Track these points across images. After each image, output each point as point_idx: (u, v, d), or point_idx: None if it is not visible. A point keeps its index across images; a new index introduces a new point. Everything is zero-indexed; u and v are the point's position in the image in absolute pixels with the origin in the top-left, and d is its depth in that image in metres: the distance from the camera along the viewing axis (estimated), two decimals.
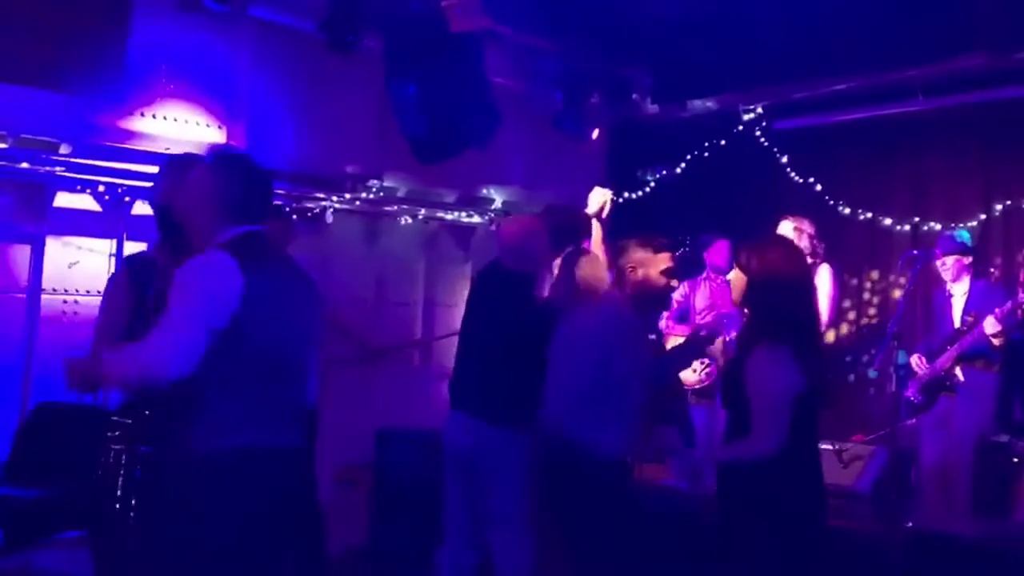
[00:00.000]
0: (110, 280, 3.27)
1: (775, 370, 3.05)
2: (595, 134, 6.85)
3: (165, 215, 3.11)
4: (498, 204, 7.70)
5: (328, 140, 6.60)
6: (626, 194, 7.79)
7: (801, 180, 7.19)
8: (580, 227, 4.40)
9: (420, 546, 5.40)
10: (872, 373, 5.59)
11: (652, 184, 7.86)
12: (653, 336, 5.85)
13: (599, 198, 4.75)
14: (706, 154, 7.57)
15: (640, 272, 3.68)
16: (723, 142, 7.50)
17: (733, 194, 7.47)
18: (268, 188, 2.86)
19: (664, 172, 7.84)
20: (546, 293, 4.11)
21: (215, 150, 2.93)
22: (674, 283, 3.83)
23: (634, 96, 7.18)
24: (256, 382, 2.64)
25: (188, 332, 2.51)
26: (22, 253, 5.72)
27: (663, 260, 3.73)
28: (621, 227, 7.42)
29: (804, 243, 5.54)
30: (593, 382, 3.43)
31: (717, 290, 6.54)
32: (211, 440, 2.60)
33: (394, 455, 5.89)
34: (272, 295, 2.65)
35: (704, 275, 6.70)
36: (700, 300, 6.65)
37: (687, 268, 6.49)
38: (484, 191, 7.64)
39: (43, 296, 5.65)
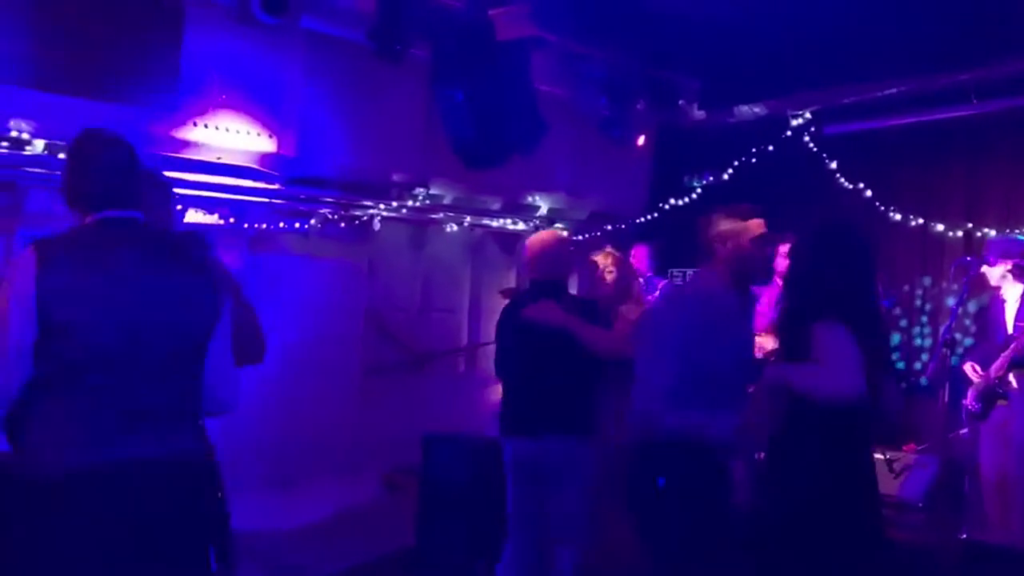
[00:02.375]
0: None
1: (845, 338, 2.94)
2: (641, 140, 6.84)
3: None
4: (543, 211, 7.71)
5: (376, 148, 6.67)
6: (672, 200, 7.75)
7: (851, 186, 7.10)
8: None
9: (466, 551, 5.42)
10: (923, 381, 5.50)
11: (699, 191, 7.81)
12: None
13: None
14: (753, 160, 7.50)
15: (731, 244, 3.43)
16: (771, 148, 7.43)
17: (781, 201, 7.39)
18: (118, 168, 2.47)
19: (711, 178, 7.78)
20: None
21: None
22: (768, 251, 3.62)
23: (681, 102, 7.16)
24: (73, 389, 2.25)
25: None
26: None
27: (755, 227, 3.47)
28: (667, 234, 7.43)
29: None
30: (681, 370, 3.18)
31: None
32: (28, 465, 2.26)
33: (440, 460, 5.91)
34: (99, 288, 2.28)
35: (772, 281, 6.60)
36: (770, 308, 6.57)
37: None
38: (529, 198, 7.65)
39: None
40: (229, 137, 6.05)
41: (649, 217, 7.79)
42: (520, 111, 5.27)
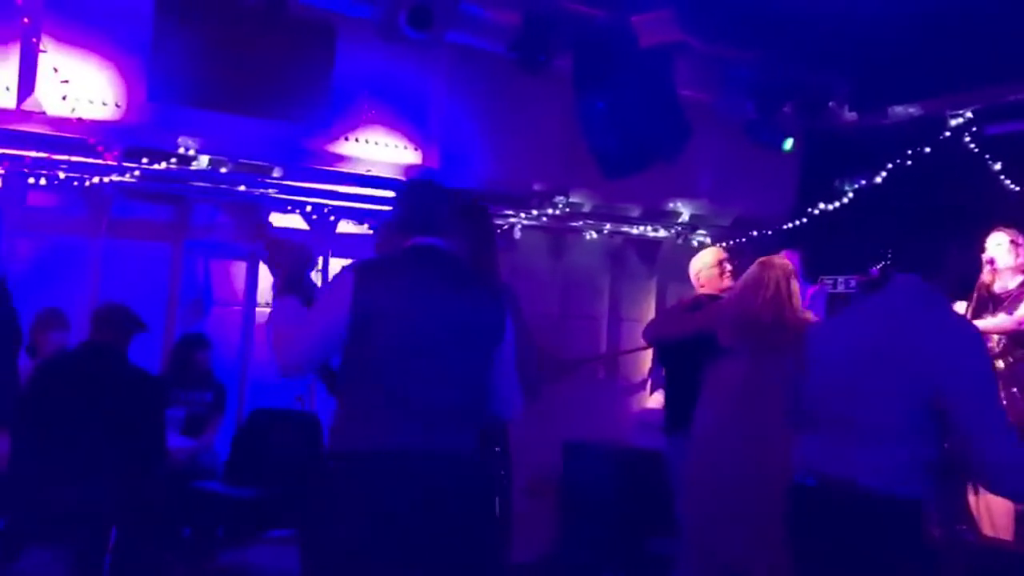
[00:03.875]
0: None
1: None
2: (789, 144, 6.65)
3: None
4: (685, 218, 7.61)
5: (517, 158, 6.75)
6: (822, 206, 7.50)
7: (1017, 188, 6.69)
8: None
9: (605, 558, 5.39)
10: None
11: (850, 195, 7.53)
12: None
13: None
14: (909, 163, 7.17)
15: None
16: (928, 149, 7.08)
17: (939, 204, 7.03)
18: (435, 205, 2.88)
19: (863, 182, 7.49)
20: None
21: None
22: None
23: (831, 104, 6.91)
24: (376, 387, 2.63)
25: (302, 331, 2.68)
26: (239, 269, 6.19)
27: None
28: (818, 240, 7.19)
29: (1021, 257, 5.14)
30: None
31: None
32: (337, 442, 2.67)
33: (580, 468, 5.92)
34: (401, 303, 2.65)
35: None
36: None
37: None
38: (671, 204, 7.56)
39: (257, 309, 6.08)
40: (377, 150, 6.26)
41: (797, 223, 7.56)
42: (663, 117, 5.22)
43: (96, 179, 5.27)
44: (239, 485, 5.16)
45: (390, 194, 6.23)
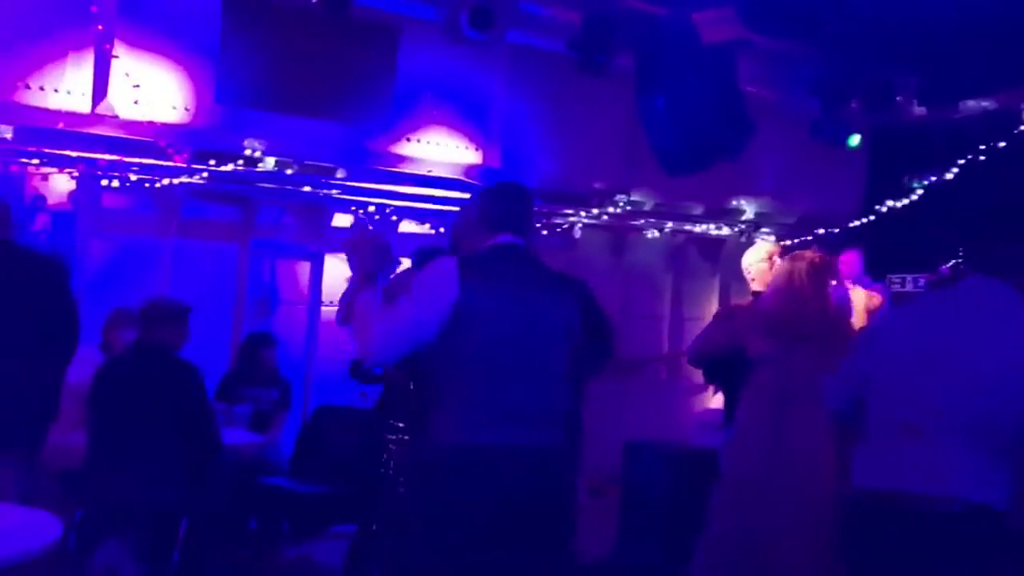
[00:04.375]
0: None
1: None
2: (856, 140, 6.52)
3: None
4: (749, 215, 7.51)
5: (577, 157, 6.75)
6: (890, 203, 7.35)
7: None
8: None
9: (667, 559, 5.35)
10: None
11: (919, 192, 7.35)
12: None
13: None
14: (981, 158, 6.98)
15: None
16: (1002, 144, 6.88)
17: (1013, 201, 6.82)
18: (517, 204, 2.96)
19: (933, 178, 7.31)
20: None
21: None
22: None
23: (898, 98, 6.75)
24: (474, 382, 2.70)
25: (396, 324, 2.71)
26: (304, 269, 6.30)
27: None
28: (884, 238, 7.04)
29: None
30: None
31: None
32: (434, 436, 2.74)
33: (642, 468, 5.88)
34: (496, 299, 2.72)
35: None
36: None
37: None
38: (734, 202, 7.48)
39: (322, 308, 6.18)
40: (438, 151, 6.31)
41: (864, 220, 7.41)
42: (726, 115, 5.16)
43: (166, 181, 5.41)
44: (304, 481, 5.24)
45: (451, 194, 6.28)
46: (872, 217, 7.40)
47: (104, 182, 5.28)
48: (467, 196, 6.41)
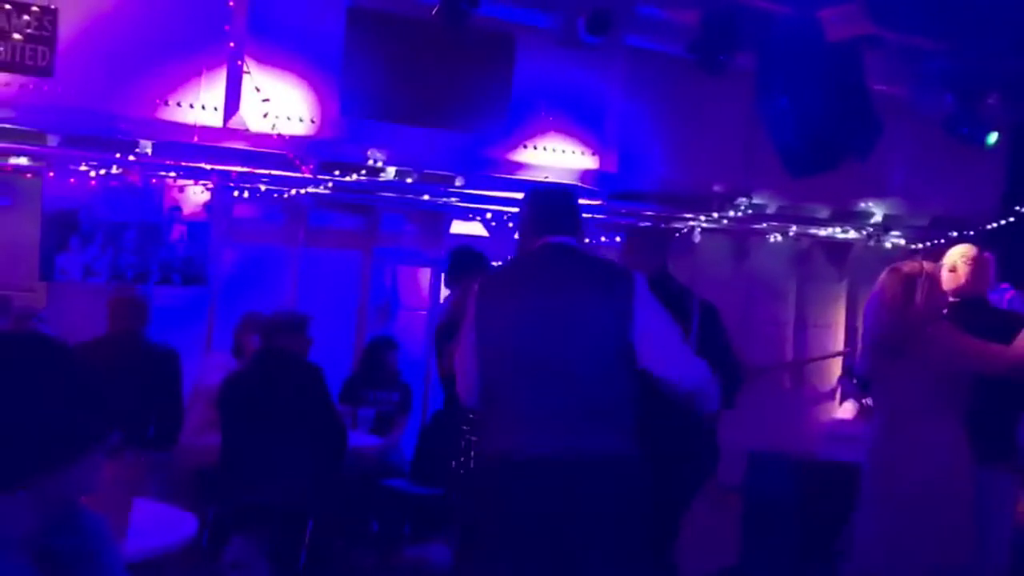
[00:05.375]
0: None
1: None
2: (994, 138, 6.19)
3: None
4: (878, 218, 7.24)
5: (696, 160, 6.64)
6: None
7: None
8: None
9: (790, 573, 5.19)
10: None
11: None
12: None
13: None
14: None
15: None
16: None
17: None
18: (560, 205, 2.92)
19: None
20: None
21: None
22: None
23: None
24: (498, 391, 2.68)
25: (456, 368, 2.85)
26: (424, 275, 6.41)
27: None
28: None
29: None
30: None
31: None
32: (480, 445, 2.81)
33: (766, 479, 5.73)
34: (515, 307, 2.70)
35: None
36: None
37: None
38: (862, 204, 7.21)
39: None
40: (555, 157, 6.31)
41: (1002, 222, 7.02)
42: (853, 114, 4.97)
43: (294, 191, 5.60)
44: (424, 483, 5.32)
45: None
46: (1012, 219, 7.00)
47: (235, 193, 5.51)
48: (582, 201, 6.41)
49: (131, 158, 5.14)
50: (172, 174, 5.31)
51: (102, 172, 5.06)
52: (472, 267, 4.17)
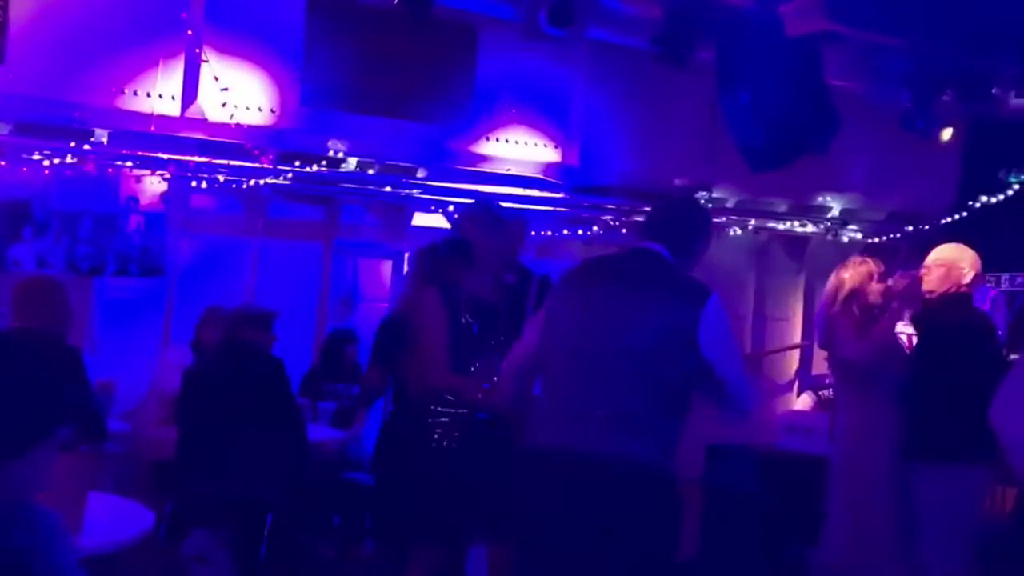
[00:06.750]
0: None
1: None
2: (949, 134, 6.29)
3: None
4: (835, 212, 7.33)
5: (658, 154, 6.67)
6: (984, 198, 7.08)
7: None
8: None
9: (749, 564, 5.26)
10: None
11: (1016, 186, 7.06)
12: None
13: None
14: None
15: None
16: None
17: None
18: (665, 215, 3.02)
19: None
20: None
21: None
22: None
23: (994, 90, 6.49)
24: (546, 386, 2.78)
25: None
26: (385, 267, 6.38)
27: None
28: (979, 235, 6.76)
29: None
30: None
31: None
32: (523, 436, 2.81)
33: (724, 471, 5.79)
34: (578, 305, 2.75)
35: None
36: None
37: None
38: (820, 199, 7.30)
39: None
40: (518, 149, 6.31)
41: (957, 217, 7.15)
42: (811, 109, 5.03)
43: (252, 182, 5.53)
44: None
45: (531, 192, 6.27)
46: (966, 213, 7.13)
47: (193, 183, 5.43)
48: (545, 194, 6.42)
49: (86, 147, 5.04)
50: (129, 164, 5.22)
51: (56, 161, 4.96)
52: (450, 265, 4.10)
